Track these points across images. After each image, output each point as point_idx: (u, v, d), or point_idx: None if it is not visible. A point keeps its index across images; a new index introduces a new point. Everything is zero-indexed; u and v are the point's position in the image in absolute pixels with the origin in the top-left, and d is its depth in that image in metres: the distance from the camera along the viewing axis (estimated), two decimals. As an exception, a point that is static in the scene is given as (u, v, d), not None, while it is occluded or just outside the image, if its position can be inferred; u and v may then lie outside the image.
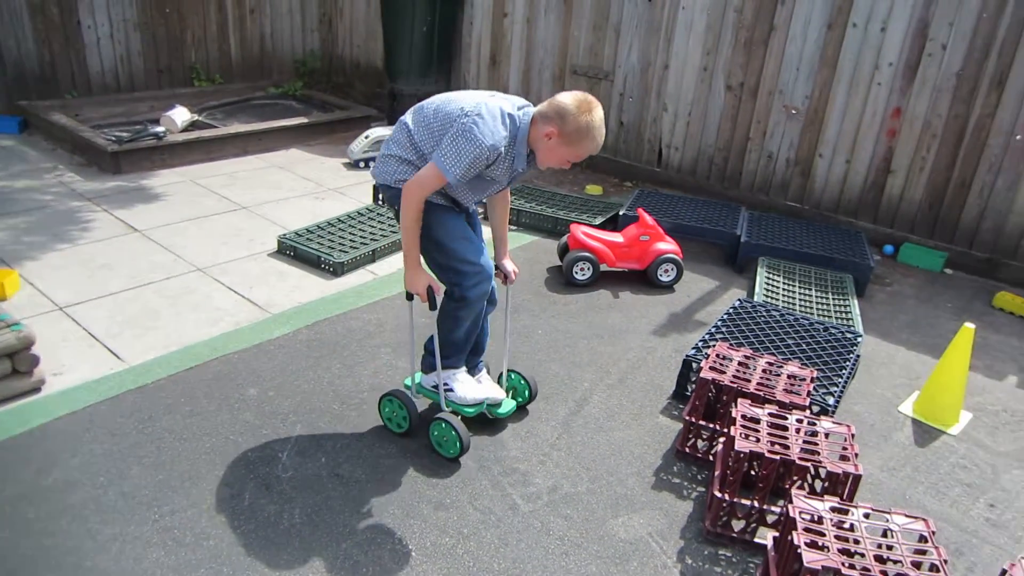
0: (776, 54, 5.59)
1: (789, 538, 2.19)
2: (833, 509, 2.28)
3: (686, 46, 5.99)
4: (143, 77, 7.45)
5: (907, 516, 2.28)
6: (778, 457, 2.52)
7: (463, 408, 3.02)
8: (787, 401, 2.86)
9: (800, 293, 4.39)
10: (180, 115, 6.41)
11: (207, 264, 4.47)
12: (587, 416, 3.31)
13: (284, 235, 4.72)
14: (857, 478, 2.49)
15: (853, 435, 2.68)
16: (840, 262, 4.72)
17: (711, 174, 6.17)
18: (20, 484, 2.69)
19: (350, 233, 4.84)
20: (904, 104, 5.16)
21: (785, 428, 2.68)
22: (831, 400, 3.14)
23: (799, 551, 2.10)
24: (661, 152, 6.40)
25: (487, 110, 2.54)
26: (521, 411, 3.28)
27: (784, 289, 4.42)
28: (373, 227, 4.96)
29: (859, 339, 3.71)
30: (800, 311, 4.13)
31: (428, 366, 3.07)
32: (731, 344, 3.46)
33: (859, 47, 5.24)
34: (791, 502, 2.29)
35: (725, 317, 3.82)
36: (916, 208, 5.32)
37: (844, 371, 3.40)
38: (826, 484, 2.60)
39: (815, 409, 3.07)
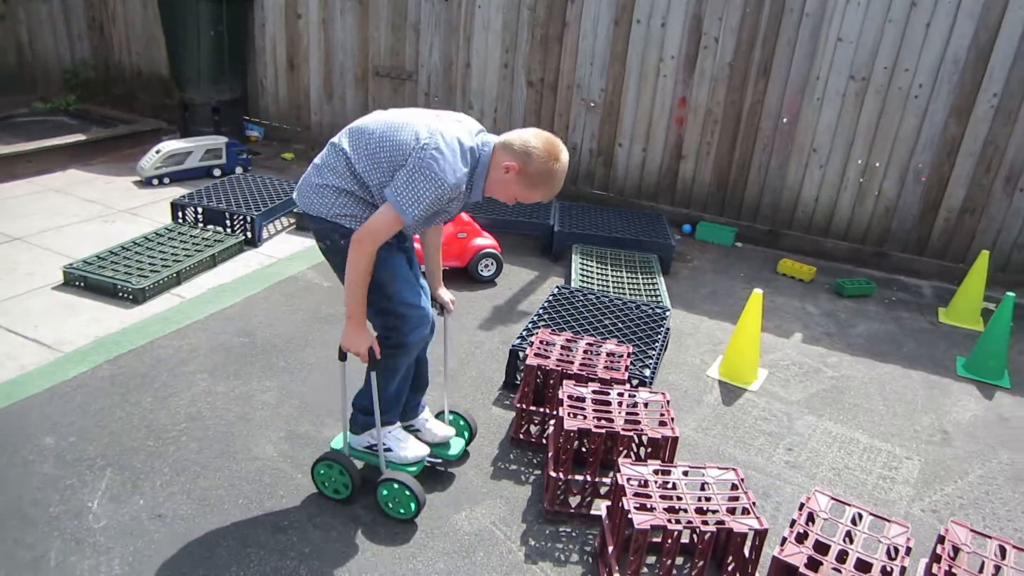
0: (571, 50, 5.88)
1: (620, 504, 2.32)
2: (656, 471, 2.46)
3: (485, 44, 6.14)
4: None
5: (719, 468, 2.50)
6: (604, 431, 2.66)
7: (406, 467, 2.75)
8: (608, 378, 3.03)
9: (612, 276, 4.67)
10: (-73, 138, 5.59)
11: (-22, 304, 3.94)
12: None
13: (71, 264, 4.27)
14: (675, 440, 2.69)
15: (668, 402, 2.89)
16: (646, 244, 5.07)
17: (521, 169, 6.36)
18: None
19: (148, 256, 4.47)
20: (688, 94, 5.63)
21: (608, 403, 2.84)
22: (648, 372, 3.37)
23: (629, 515, 2.24)
24: (472, 150, 6.50)
25: (446, 143, 2.30)
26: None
27: (598, 273, 4.67)
28: (175, 247, 4.62)
29: (668, 314, 4.02)
30: (614, 292, 4.39)
31: (361, 425, 2.77)
32: (553, 330, 3.61)
33: (644, 42, 5.63)
34: (619, 471, 2.43)
35: (546, 304, 3.98)
36: (707, 189, 5.83)
37: (657, 344, 3.66)
38: (649, 450, 2.78)
39: (635, 382, 3.27)
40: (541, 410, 3.10)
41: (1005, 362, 4.04)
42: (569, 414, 2.72)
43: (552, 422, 3.00)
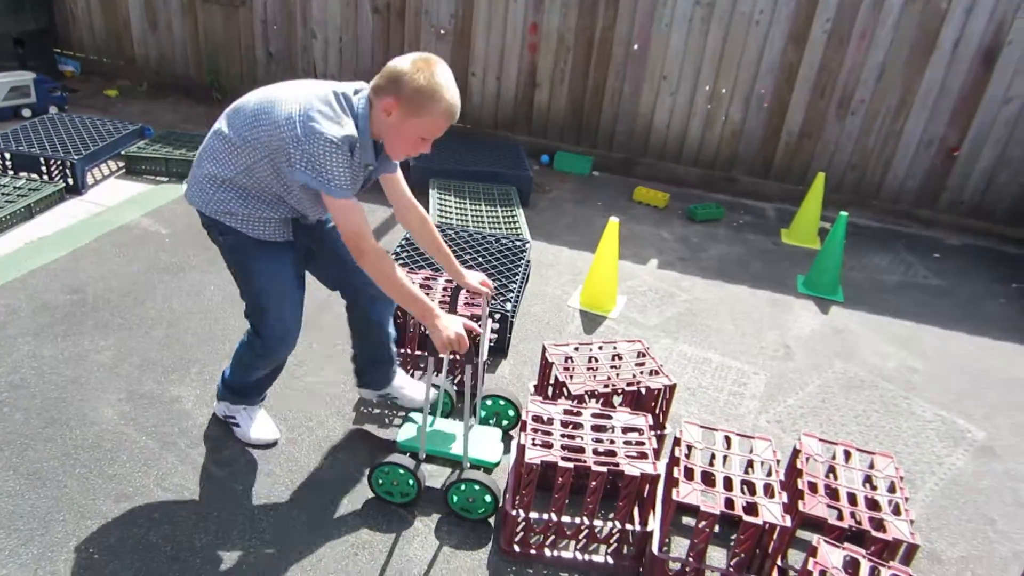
0: (416, -26, 5.61)
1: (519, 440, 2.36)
2: (566, 411, 2.48)
3: (326, -32, 5.74)
4: None
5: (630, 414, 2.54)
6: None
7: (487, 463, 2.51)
8: (468, 315, 2.98)
9: (472, 209, 4.60)
10: None
11: None
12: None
13: None
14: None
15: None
16: (504, 176, 5.02)
17: (375, 102, 6.09)
18: None
19: (-51, 208, 3.94)
20: (540, 19, 5.54)
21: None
22: (509, 306, 3.36)
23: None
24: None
25: (318, 104, 2.08)
26: (198, 374, 3.01)
27: (456, 208, 4.59)
28: (-19, 197, 4.09)
29: (528, 246, 4.01)
30: (473, 227, 4.33)
31: (220, 393, 2.70)
32: (411, 268, 3.51)
33: (491, -34, 5.46)
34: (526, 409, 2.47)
35: (403, 242, 3.86)
36: (562, 118, 5.83)
37: (518, 277, 3.65)
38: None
39: (497, 316, 3.26)
40: (403, 351, 3.03)
41: (838, 278, 4.36)
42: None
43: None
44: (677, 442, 2.46)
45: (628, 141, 5.78)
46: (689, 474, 2.29)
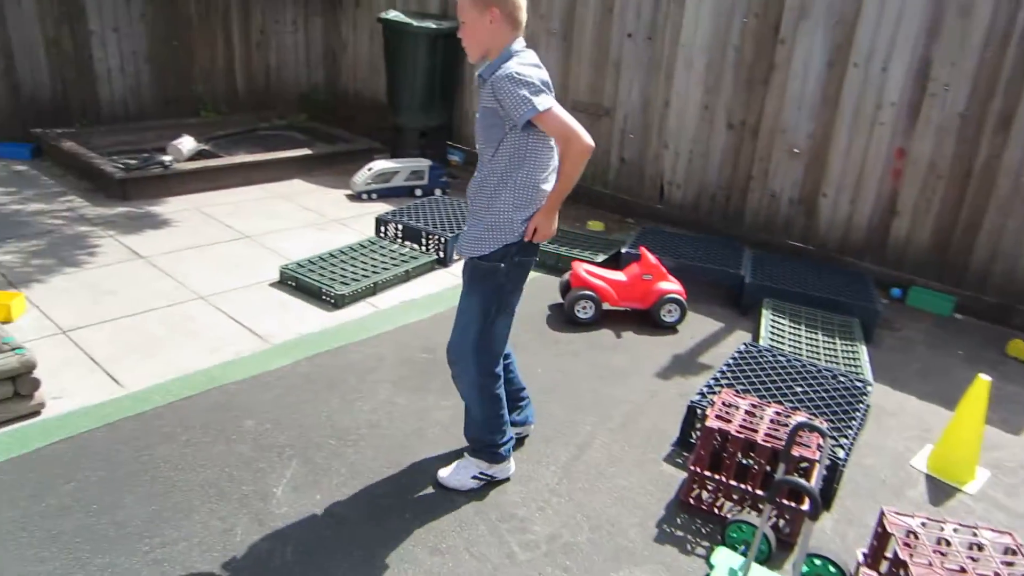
0: (777, 92, 5.61)
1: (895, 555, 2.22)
2: (924, 523, 2.37)
3: (687, 84, 6.02)
4: (152, 107, 7.52)
5: (994, 531, 2.26)
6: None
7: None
8: (797, 455, 2.77)
9: (806, 337, 4.33)
10: (186, 144, 6.42)
11: (209, 292, 4.43)
12: (588, 461, 3.22)
13: (286, 265, 4.68)
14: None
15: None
16: (847, 305, 4.67)
17: (713, 211, 6.16)
18: (14, 507, 2.65)
19: (351, 265, 4.81)
20: (908, 144, 5.16)
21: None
22: (842, 454, 3.05)
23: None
24: (663, 189, 6.40)
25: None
26: (522, 449, 3.21)
27: (790, 333, 4.36)
28: (375, 259, 4.93)
29: (869, 388, 3.63)
30: (807, 356, 4.07)
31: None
32: (737, 391, 3.39)
33: (861, 86, 5.25)
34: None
35: (730, 362, 3.76)
36: (923, 250, 5.29)
37: (854, 422, 3.31)
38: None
39: (826, 463, 2.97)
40: (716, 477, 2.90)
41: None
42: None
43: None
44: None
45: (1006, 285, 5.02)
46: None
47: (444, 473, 2.96)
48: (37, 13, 6.63)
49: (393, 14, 6.97)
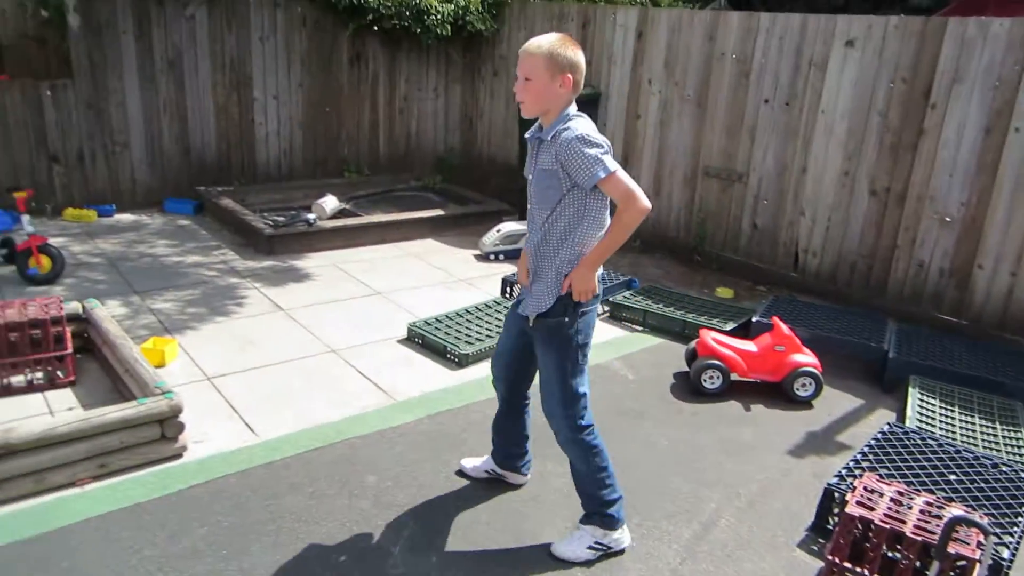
0: (926, 159, 5.30)
1: None
2: None
3: (826, 150, 5.81)
4: (301, 168, 8.15)
5: None
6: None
7: None
8: (954, 552, 2.51)
9: (961, 420, 3.96)
10: (330, 203, 6.86)
11: (341, 346, 4.63)
12: (714, 541, 3.05)
13: (414, 323, 4.83)
14: None
15: None
16: (1009, 387, 4.24)
17: (853, 282, 5.83)
18: (154, 547, 2.82)
19: (476, 325, 4.89)
20: (1082, 217, 4.71)
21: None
22: (1007, 553, 2.73)
23: None
24: (797, 257, 6.14)
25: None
26: (641, 524, 3.09)
27: (942, 414, 4.01)
28: (500, 320, 4.99)
29: (1034, 480, 3.26)
30: (961, 441, 3.71)
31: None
32: (881, 476, 3.13)
33: (1023, 153, 4.87)
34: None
35: (872, 443, 3.49)
36: (1098, 332, 4.75)
37: (1021, 518, 2.96)
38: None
39: (988, 563, 2.67)
40: (858, 569, 2.66)
41: None
42: None
43: None
44: None
45: None
46: None
47: (559, 544, 2.90)
48: (211, 82, 7.40)
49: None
